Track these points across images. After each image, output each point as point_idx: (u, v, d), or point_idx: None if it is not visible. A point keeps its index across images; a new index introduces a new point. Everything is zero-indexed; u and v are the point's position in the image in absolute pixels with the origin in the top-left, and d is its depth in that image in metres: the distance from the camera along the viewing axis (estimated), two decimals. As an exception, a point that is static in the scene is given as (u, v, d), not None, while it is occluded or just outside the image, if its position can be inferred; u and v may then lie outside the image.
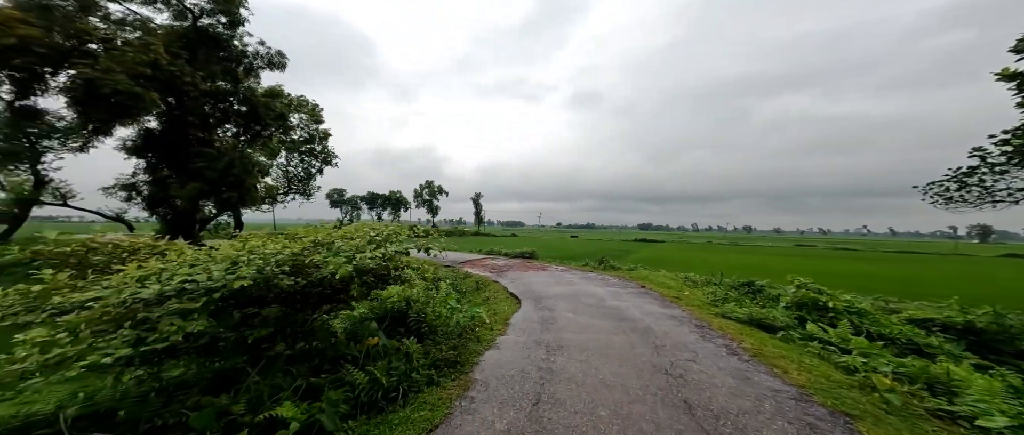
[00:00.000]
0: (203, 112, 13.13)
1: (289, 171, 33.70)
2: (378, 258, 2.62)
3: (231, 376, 2.24)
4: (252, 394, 2.12)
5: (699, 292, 8.73)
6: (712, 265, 18.24)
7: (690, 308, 6.91)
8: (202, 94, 12.36)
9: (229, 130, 15.28)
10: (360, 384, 2.62)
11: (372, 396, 2.62)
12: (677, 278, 11.06)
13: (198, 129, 13.43)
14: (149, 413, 1.81)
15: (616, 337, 4.97)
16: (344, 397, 2.48)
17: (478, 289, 8.88)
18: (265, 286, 2.03)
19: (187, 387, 2.06)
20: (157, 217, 15.87)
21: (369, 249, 2.66)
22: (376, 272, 2.76)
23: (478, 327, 4.99)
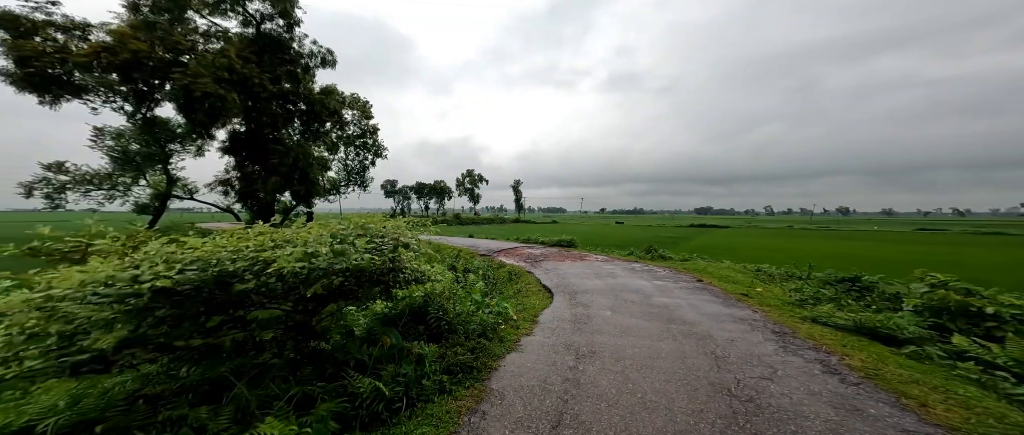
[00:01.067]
0: (273, 112, 14.93)
1: (348, 164, 37.51)
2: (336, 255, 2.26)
3: (227, 384, 2.10)
4: (239, 405, 1.95)
5: (777, 288, 7.13)
6: (794, 255, 15.26)
7: (764, 309, 5.60)
8: (271, 95, 14.00)
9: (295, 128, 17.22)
10: (363, 393, 2.43)
11: (373, 407, 2.42)
12: (745, 271, 9.31)
13: (270, 128, 15.36)
14: (134, 422, 1.71)
15: (663, 343, 4.14)
16: (341, 409, 2.29)
17: (511, 280, 8.53)
18: (219, 287, 1.81)
19: (181, 393, 1.97)
20: (246, 208, 18.91)
21: (324, 242, 2.33)
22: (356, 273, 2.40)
23: (503, 325, 4.59)
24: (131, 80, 10.98)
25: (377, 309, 3.89)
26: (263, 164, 15.91)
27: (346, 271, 2.27)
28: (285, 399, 2.20)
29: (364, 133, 33.23)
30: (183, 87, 10.70)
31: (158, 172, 25.77)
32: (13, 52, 9.23)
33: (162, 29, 11.41)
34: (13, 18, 9.31)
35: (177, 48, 11.21)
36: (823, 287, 6.76)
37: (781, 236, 33.29)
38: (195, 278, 1.71)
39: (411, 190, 69.11)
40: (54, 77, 9.92)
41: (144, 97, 11.22)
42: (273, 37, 14.15)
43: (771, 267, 9.75)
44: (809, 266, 8.32)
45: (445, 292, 4.53)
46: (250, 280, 1.87)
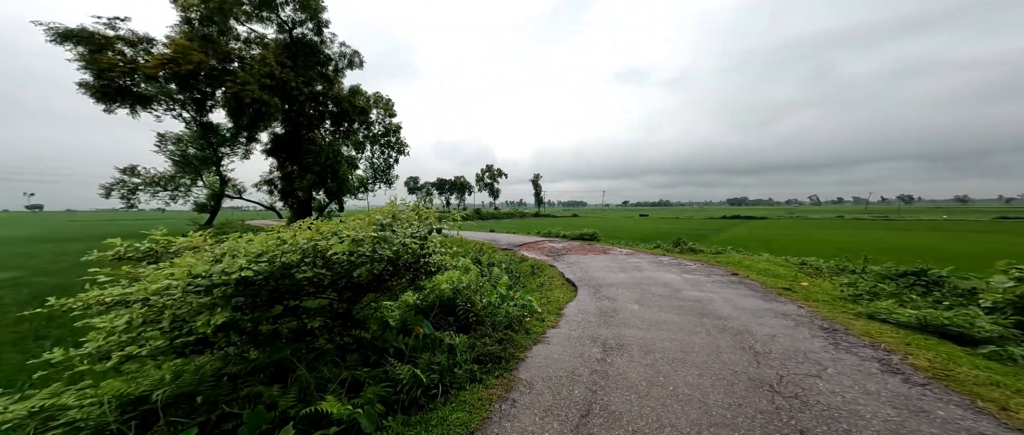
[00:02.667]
0: (308, 113, 15.94)
1: (374, 162, 39.34)
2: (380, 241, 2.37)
3: (289, 366, 2.33)
4: (301, 385, 2.16)
5: (825, 283, 6.57)
6: (846, 247, 13.95)
7: (811, 304, 5.20)
8: (306, 98, 14.94)
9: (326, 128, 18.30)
10: (403, 379, 2.57)
11: (412, 393, 2.56)
12: (788, 264, 8.65)
13: (305, 129, 16.43)
14: (221, 396, 1.95)
15: (695, 338, 3.99)
16: (384, 393, 2.44)
17: (533, 274, 8.55)
18: (282, 276, 1.99)
19: (254, 373, 2.20)
20: (287, 206, 20.48)
21: (371, 230, 2.46)
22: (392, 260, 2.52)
23: (528, 317, 4.64)
24: (189, 89, 12.17)
25: (409, 300, 4.06)
26: (300, 163, 17.06)
27: (385, 258, 2.40)
28: (338, 382, 2.38)
29: (388, 131, 34.51)
30: (234, 94, 11.69)
31: (212, 173, 28.51)
32: (92, 66, 10.52)
33: (212, 40, 12.46)
34: (89, 35, 10.58)
35: (227, 57, 12.21)
36: (881, 281, 6.11)
37: (829, 227, 30.45)
38: (266, 269, 1.90)
39: (432, 186, 71.02)
40: (124, 88, 11.19)
41: (201, 104, 12.40)
42: (305, 41, 14.99)
43: (818, 260, 8.98)
44: (864, 258, 7.55)
45: (472, 285, 4.64)
46: (306, 269, 2.04)
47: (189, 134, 24.46)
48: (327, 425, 1.97)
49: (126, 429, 1.78)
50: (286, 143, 16.55)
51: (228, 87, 11.82)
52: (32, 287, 7.93)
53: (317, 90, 15.84)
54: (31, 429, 1.72)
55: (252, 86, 11.91)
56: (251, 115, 12.82)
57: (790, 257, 9.55)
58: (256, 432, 1.84)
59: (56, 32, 10.37)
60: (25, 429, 1.72)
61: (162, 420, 1.83)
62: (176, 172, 32.91)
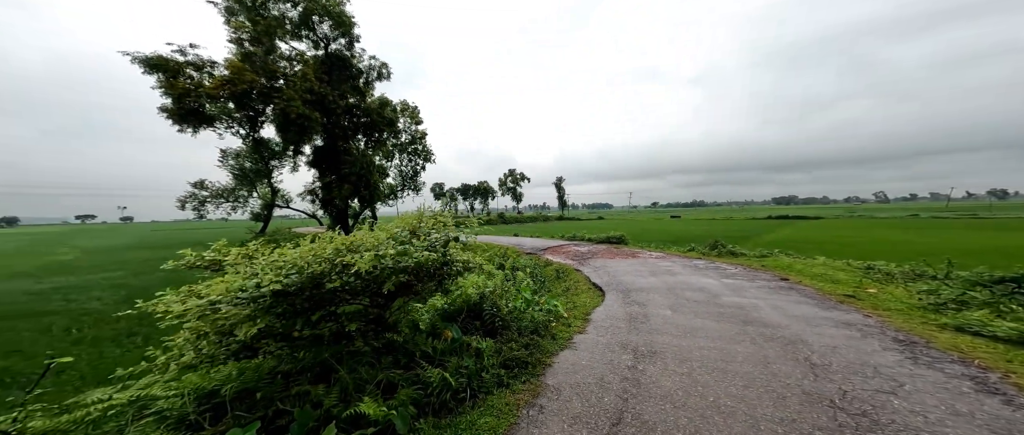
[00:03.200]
0: (343, 125, 17.24)
1: (402, 170, 41.39)
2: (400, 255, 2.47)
3: (332, 367, 2.49)
4: (343, 386, 2.31)
5: (898, 290, 5.74)
6: (922, 250, 12.17)
7: (881, 313, 4.57)
8: (342, 110, 16.18)
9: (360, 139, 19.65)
10: (433, 383, 2.62)
11: (442, 396, 2.61)
12: (849, 268, 7.70)
13: (341, 140, 17.76)
14: (276, 393, 2.16)
15: (738, 346, 3.67)
16: (416, 396, 2.51)
17: (558, 278, 8.41)
18: (315, 286, 2.15)
19: (302, 372, 2.40)
20: (326, 214, 22.14)
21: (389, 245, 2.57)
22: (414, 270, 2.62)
23: (554, 322, 4.56)
24: (244, 107, 13.73)
25: (437, 304, 4.17)
26: (337, 173, 18.39)
27: (408, 268, 2.50)
28: (374, 383, 2.50)
29: (414, 139, 36.12)
30: (281, 110, 13.00)
31: (264, 185, 31.68)
32: (170, 91, 12.24)
33: (260, 59, 13.96)
34: (165, 61, 12.34)
35: (273, 75, 13.61)
36: (971, 289, 5.19)
37: (901, 227, 26.73)
38: (297, 280, 2.10)
39: (457, 191, 72.85)
40: (195, 110, 12.87)
41: (253, 121, 13.93)
42: (339, 56, 16.25)
43: (888, 264, 7.88)
44: (947, 262, 6.49)
45: (497, 289, 4.67)
46: (335, 280, 2.20)
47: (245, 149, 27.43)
48: (365, 425, 2.08)
49: (202, 420, 2.02)
50: (325, 154, 17.98)
51: (276, 103, 13.13)
52: (127, 288, 9.30)
53: (350, 103, 17.06)
54: (130, 415, 2.04)
55: (296, 102, 13.15)
56: (296, 129, 14.11)
57: (852, 261, 8.47)
58: (305, 429, 1.99)
59: (140, 60, 12.21)
60: (125, 415, 2.05)
61: (229, 413, 2.06)
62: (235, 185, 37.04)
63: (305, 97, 13.81)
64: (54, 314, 6.82)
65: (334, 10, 14.26)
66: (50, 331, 5.79)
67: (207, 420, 2.03)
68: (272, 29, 13.96)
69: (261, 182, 32.18)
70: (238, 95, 13.04)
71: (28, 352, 4.84)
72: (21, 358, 4.65)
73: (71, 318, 6.48)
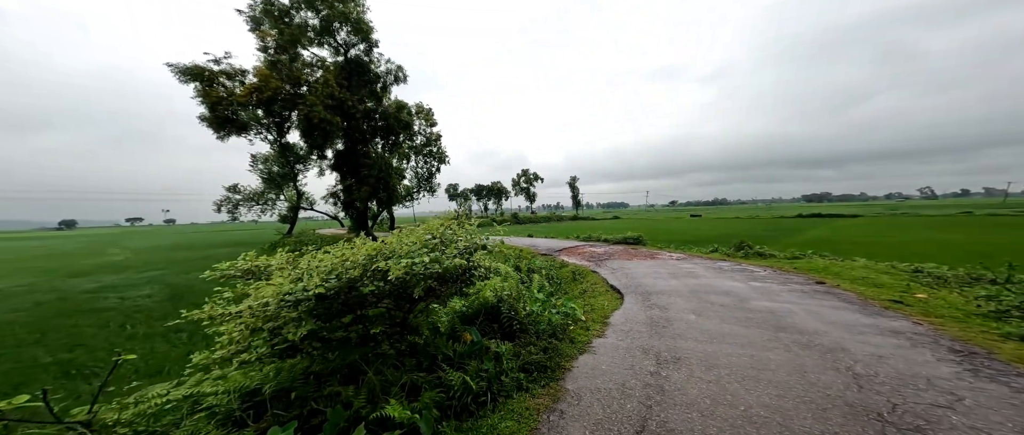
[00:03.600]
0: (363, 129, 17.86)
1: (418, 172, 42.36)
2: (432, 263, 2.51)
3: (360, 368, 2.57)
4: (370, 387, 2.38)
5: (952, 295, 5.24)
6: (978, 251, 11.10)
7: (933, 320, 4.18)
8: (361, 114, 16.77)
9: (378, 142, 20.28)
10: (454, 386, 2.64)
11: (463, 400, 2.62)
12: (895, 271, 7.11)
13: (361, 144, 18.39)
14: (310, 393, 2.27)
15: (770, 354, 3.46)
16: (438, 399, 2.53)
17: (574, 280, 8.29)
18: (350, 290, 2.23)
19: (333, 374, 2.50)
20: (348, 216, 23.00)
21: (422, 253, 2.60)
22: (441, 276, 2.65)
23: (572, 326, 4.50)
24: (272, 113, 14.52)
25: (456, 306, 4.21)
26: (357, 176, 19.04)
27: (436, 274, 2.54)
28: (399, 385, 2.54)
29: (429, 141, 36.84)
30: (305, 116, 13.64)
31: (291, 188, 33.34)
32: (206, 99, 13.12)
33: (285, 66, 14.69)
34: (201, 71, 13.24)
35: (297, 82, 14.28)
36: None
37: (953, 226, 24.48)
38: (336, 285, 2.19)
39: (471, 192, 73.53)
40: (229, 117, 13.73)
41: (280, 127, 14.70)
42: (358, 62, 16.82)
43: (940, 267, 7.22)
44: (1008, 265, 5.86)
45: (514, 292, 4.65)
46: (369, 283, 2.27)
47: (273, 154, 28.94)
48: (391, 427, 2.13)
49: (246, 417, 2.15)
50: (346, 158, 18.70)
51: (300, 109, 13.76)
52: (173, 287, 10.03)
53: (369, 107, 17.62)
54: (185, 410, 2.21)
55: (318, 107, 13.76)
56: (319, 134, 14.75)
57: (898, 263, 7.81)
58: (336, 429, 2.07)
59: (180, 70, 13.19)
60: (181, 410, 2.22)
61: (269, 410, 2.17)
62: (265, 188, 39.21)
63: (327, 103, 14.41)
64: (110, 311, 7.46)
65: (353, 16, 14.81)
66: (107, 326, 6.33)
67: (251, 417, 2.16)
68: (296, 37, 14.66)
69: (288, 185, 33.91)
70: (265, 101, 13.80)
71: (90, 346, 5.32)
72: (84, 351, 5.11)
73: (125, 315, 7.06)
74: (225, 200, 40.02)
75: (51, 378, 4.19)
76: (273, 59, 14.58)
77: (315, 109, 13.38)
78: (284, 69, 14.34)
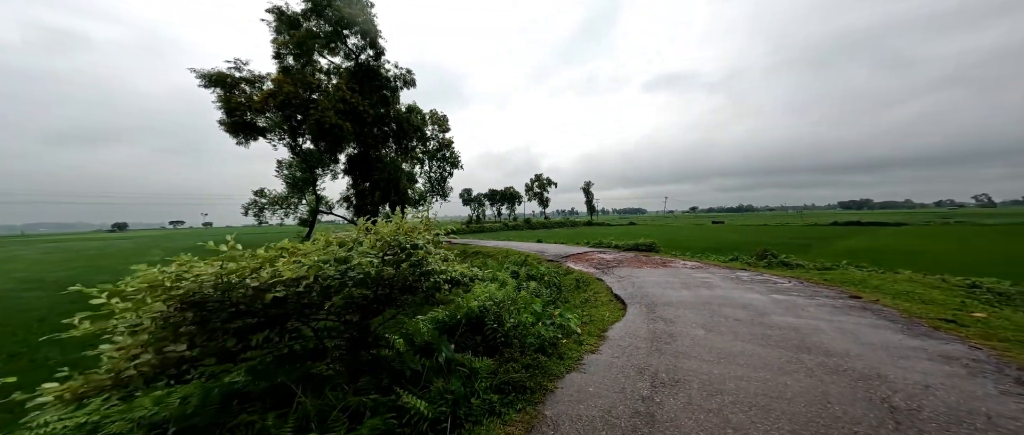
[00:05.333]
0: (374, 134, 18.28)
1: (431, 176, 42.98)
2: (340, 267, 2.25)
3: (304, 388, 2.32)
4: (303, 413, 2.14)
5: (1016, 314, 4.44)
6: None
7: (995, 344, 3.52)
8: (373, 119, 17.19)
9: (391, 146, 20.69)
10: (412, 409, 2.35)
11: (419, 427, 2.30)
12: (946, 285, 6.24)
13: (373, 149, 18.83)
14: (226, 420, 1.99)
15: (789, 378, 2.99)
16: (387, 426, 2.23)
17: (578, 288, 7.88)
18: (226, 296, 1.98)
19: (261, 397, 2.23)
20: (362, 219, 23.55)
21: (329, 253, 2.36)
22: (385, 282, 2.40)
23: (565, 339, 4.16)
24: (287, 118, 15.15)
25: (438, 316, 3.97)
26: (370, 180, 19.48)
27: (366, 281, 2.29)
28: (341, 409, 2.23)
29: (442, 146, 37.40)
30: (316, 121, 14.12)
31: (310, 192, 34.76)
32: (225, 105, 13.81)
33: (298, 72, 15.29)
34: (222, 77, 13.99)
35: (310, 87, 14.81)
36: None
37: (1014, 236, 21.80)
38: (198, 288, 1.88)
39: (484, 197, 73.85)
40: (246, 122, 14.40)
41: (295, 132, 15.32)
42: (367, 67, 17.29)
43: (1000, 282, 6.26)
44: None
45: (504, 301, 4.37)
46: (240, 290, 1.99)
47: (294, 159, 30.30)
48: None
49: None
50: (358, 162, 19.18)
51: (312, 114, 14.26)
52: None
53: (381, 112, 18.05)
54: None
55: (329, 112, 14.20)
56: (330, 139, 15.18)
57: (949, 276, 6.85)
58: None
59: (203, 76, 14.01)
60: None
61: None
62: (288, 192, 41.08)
63: (338, 107, 14.87)
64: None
65: (360, 19, 15.31)
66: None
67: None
68: (306, 43, 15.31)
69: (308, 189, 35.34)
70: (279, 106, 14.43)
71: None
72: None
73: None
74: (252, 204, 42.31)
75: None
76: (287, 65, 15.27)
77: (326, 114, 13.83)
78: (297, 75, 14.94)
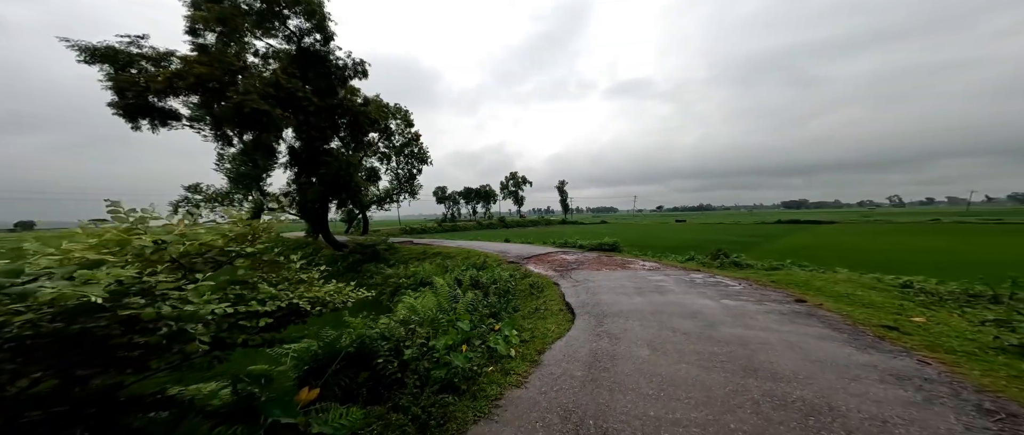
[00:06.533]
0: (322, 126, 16.32)
1: (398, 173, 40.57)
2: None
3: None
4: None
5: (953, 317, 4.40)
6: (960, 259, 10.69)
7: (942, 356, 3.27)
8: (318, 109, 15.30)
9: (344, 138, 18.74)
10: None
11: None
12: (882, 286, 6.33)
13: (319, 141, 16.85)
14: None
15: (733, 416, 2.46)
16: None
17: (531, 294, 7.20)
18: None
19: None
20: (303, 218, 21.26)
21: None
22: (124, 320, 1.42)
23: (490, 367, 3.39)
24: (207, 104, 12.89)
25: (312, 348, 2.97)
26: (314, 175, 17.52)
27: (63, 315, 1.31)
28: None
29: (408, 142, 35.40)
30: (234, 105, 12.08)
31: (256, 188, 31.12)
32: (114, 84, 11.31)
33: (217, 51, 13.01)
34: (114, 53, 11.48)
35: (231, 69, 12.66)
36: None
37: (926, 233, 24.87)
38: None
39: (459, 196, 72.11)
40: (149, 105, 11.99)
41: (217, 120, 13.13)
42: (313, 52, 15.36)
43: (927, 280, 6.49)
44: (1012, 281, 5.12)
45: (425, 320, 3.50)
46: None
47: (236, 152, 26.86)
48: None
49: None
50: (299, 155, 17.17)
51: (230, 98, 12.15)
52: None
53: (331, 102, 16.21)
54: None
55: (252, 96, 12.21)
56: (254, 127, 13.18)
57: (883, 276, 7.06)
58: None
59: (82, 49, 11.37)
60: None
61: None
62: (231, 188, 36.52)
63: (267, 91, 12.92)
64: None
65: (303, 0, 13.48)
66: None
67: None
68: (233, 20, 13.18)
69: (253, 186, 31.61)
70: (189, 89, 12.19)
71: None
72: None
73: None
74: (183, 201, 37.22)
75: None
76: (203, 44, 12.99)
77: (248, 98, 11.88)
78: (216, 55, 12.75)
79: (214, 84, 12.63)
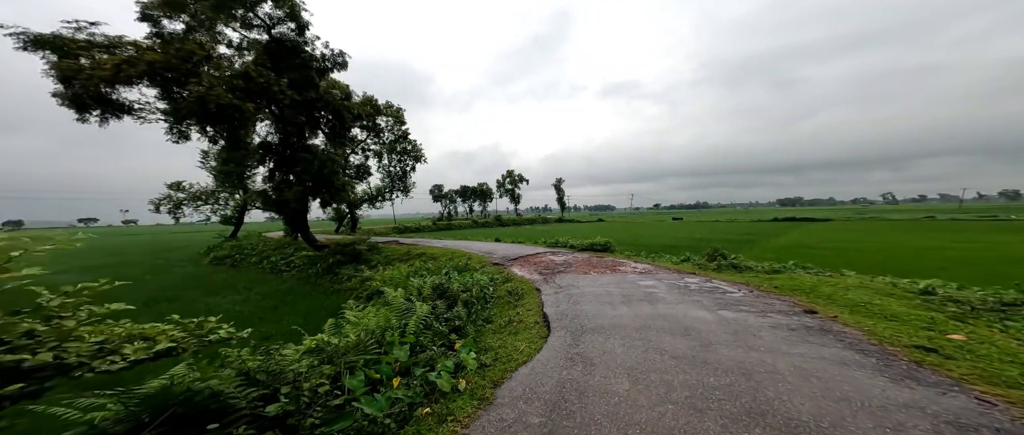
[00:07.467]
0: (298, 121, 15.39)
1: (390, 171, 39.48)
2: None
3: None
4: None
5: (994, 334, 3.67)
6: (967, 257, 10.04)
7: (1009, 394, 2.54)
8: (293, 103, 14.39)
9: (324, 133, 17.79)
10: None
11: None
12: (899, 291, 5.61)
13: (296, 137, 15.92)
14: None
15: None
16: None
17: (508, 302, 6.44)
18: None
19: None
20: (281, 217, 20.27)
21: None
22: None
23: (426, 408, 2.63)
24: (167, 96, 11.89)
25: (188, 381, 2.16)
26: (292, 172, 16.59)
27: None
28: None
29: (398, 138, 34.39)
30: (198, 98, 11.12)
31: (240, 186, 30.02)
32: (57, 72, 10.34)
33: (176, 39, 11.98)
34: (57, 40, 10.48)
35: (192, 58, 11.65)
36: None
37: (923, 230, 24.46)
38: None
39: (456, 194, 71.12)
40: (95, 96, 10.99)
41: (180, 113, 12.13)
42: (286, 41, 14.41)
43: (946, 285, 5.80)
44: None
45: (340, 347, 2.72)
46: None
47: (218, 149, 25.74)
48: None
49: None
50: (275, 152, 16.23)
51: (192, 90, 11.20)
52: None
53: (309, 96, 15.27)
54: None
55: (218, 89, 11.28)
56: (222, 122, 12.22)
57: (898, 280, 6.33)
58: None
59: (25, 38, 10.41)
60: None
61: None
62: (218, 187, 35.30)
63: (235, 83, 11.97)
64: None
65: None
66: None
67: None
68: (193, 5, 12.18)
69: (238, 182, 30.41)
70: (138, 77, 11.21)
71: None
72: None
73: None
74: (165, 199, 35.94)
75: None
76: (159, 30, 11.98)
77: (214, 91, 10.92)
78: (175, 42, 11.72)
79: (170, 74, 11.62)
